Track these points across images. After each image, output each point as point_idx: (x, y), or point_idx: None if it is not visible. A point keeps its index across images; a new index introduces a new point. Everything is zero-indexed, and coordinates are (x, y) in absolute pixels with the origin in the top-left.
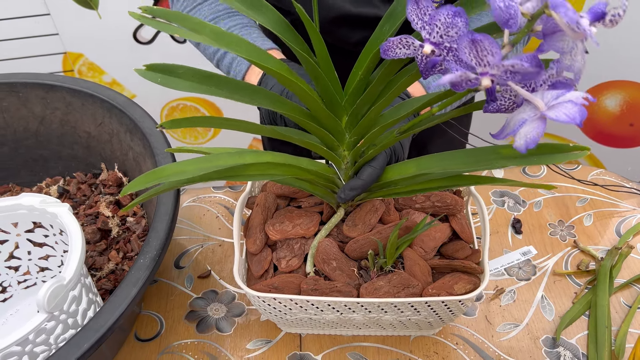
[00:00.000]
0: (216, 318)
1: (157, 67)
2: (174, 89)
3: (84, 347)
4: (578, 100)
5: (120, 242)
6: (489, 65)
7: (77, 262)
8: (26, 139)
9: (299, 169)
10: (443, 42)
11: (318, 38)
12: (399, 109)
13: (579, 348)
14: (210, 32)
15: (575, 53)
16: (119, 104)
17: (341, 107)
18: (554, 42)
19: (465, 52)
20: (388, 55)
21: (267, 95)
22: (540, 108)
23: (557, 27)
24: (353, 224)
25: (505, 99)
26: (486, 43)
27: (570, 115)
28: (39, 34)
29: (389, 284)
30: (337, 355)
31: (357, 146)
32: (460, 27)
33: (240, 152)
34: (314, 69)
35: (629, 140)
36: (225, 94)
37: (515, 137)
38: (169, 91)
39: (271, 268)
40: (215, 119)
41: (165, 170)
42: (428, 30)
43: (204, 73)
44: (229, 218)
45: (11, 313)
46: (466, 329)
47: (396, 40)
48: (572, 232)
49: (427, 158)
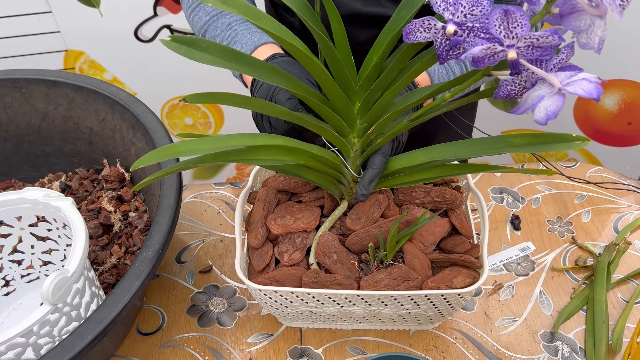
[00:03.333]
0: (217, 312)
1: (181, 40)
2: (196, 61)
3: (88, 338)
4: (592, 78)
5: (122, 236)
6: (516, 37)
7: (81, 255)
8: (29, 134)
9: (309, 155)
10: (466, 22)
11: (338, 20)
12: (408, 97)
13: (577, 342)
14: (239, 5)
15: (592, 29)
16: (122, 100)
17: (354, 92)
18: (571, 21)
19: (496, 23)
20: (409, 39)
21: (284, 76)
22: (556, 85)
23: (575, 7)
24: (357, 217)
25: (516, 84)
26: (518, 14)
27: (587, 90)
28: (40, 31)
29: (389, 277)
30: (337, 349)
31: (367, 133)
32: (485, 5)
33: (252, 135)
34: (331, 51)
35: (626, 139)
36: (245, 70)
37: (534, 112)
38: (170, 89)
39: (272, 262)
40: (237, 96)
41: (179, 147)
42: (452, 10)
43: (226, 49)
44: (229, 214)
45: (14, 307)
46: (465, 323)
47: (419, 22)
48: (570, 229)
49: (436, 147)
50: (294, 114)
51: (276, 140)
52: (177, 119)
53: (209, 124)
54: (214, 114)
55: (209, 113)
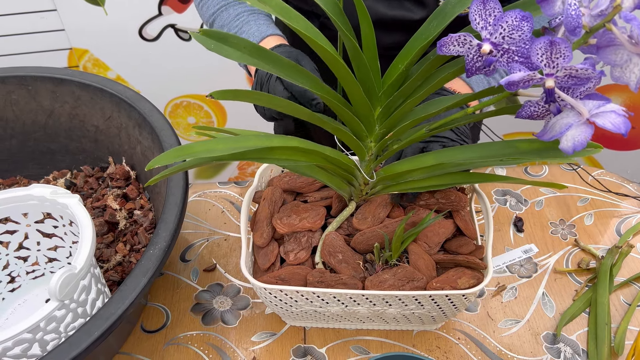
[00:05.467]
0: (221, 311)
1: (211, 34)
2: (224, 57)
3: (95, 334)
4: (620, 111)
5: (127, 234)
6: (557, 67)
7: (88, 252)
8: (35, 132)
9: (323, 156)
10: (503, 44)
11: (369, 24)
12: (429, 105)
13: (579, 344)
14: (275, 4)
15: (628, 65)
16: (128, 98)
17: (377, 97)
18: (607, 54)
19: (539, 52)
20: (442, 51)
21: (308, 76)
22: (585, 114)
23: (614, 41)
24: (363, 217)
25: (540, 106)
26: (563, 46)
27: (616, 125)
28: (45, 29)
29: (394, 277)
30: (341, 349)
31: (384, 138)
32: (525, 31)
33: (268, 135)
34: (358, 55)
35: (629, 143)
36: (271, 68)
37: (561, 140)
38: (173, 88)
39: (278, 261)
40: (257, 94)
41: (194, 147)
42: (490, 30)
43: (255, 46)
44: (234, 213)
45: (19, 303)
46: (468, 324)
47: (455, 36)
48: (573, 231)
49: (445, 151)
50: (315, 115)
51: (291, 142)
52: (180, 118)
53: (211, 123)
54: (217, 113)
55: (211, 112)
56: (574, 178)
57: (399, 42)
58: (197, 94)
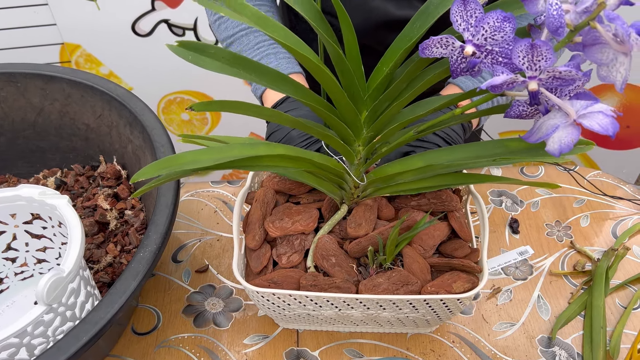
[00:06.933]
0: (213, 313)
1: (189, 45)
2: (203, 68)
3: (83, 339)
4: (607, 112)
5: (118, 235)
6: (539, 70)
7: (77, 254)
8: (24, 129)
9: (310, 162)
10: (485, 45)
11: (350, 30)
12: (416, 107)
13: (574, 348)
14: (251, 14)
15: (614, 64)
16: (119, 97)
17: (363, 101)
18: (593, 53)
19: (520, 55)
20: (424, 54)
21: (292, 83)
22: (572, 115)
23: (598, 39)
24: (357, 224)
25: (528, 106)
26: (544, 49)
27: (604, 126)
28: (36, 24)
29: (388, 281)
30: (334, 352)
31: (372, 142)
32: (507, 31)
33: (253, 144)
34: (341, 60)
35: (624, 142)
36: (253, 77)
37: (547, 142)
38: (166, 84)
39: (270, 264)
40: (244, 104)
41: (180, 159)
42: (472, 32)
43: (234, 55)
44: (227, 213)
45: (7, 305)
46: (462, 327)
47: (437, 39)
48: (569, 233)
49: (433, 152)
50: (298, 121)
51: (277, 150)
52: (174, 114)
53: (205, 120)
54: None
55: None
56: (569, 179)
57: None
58: (190, 90)
